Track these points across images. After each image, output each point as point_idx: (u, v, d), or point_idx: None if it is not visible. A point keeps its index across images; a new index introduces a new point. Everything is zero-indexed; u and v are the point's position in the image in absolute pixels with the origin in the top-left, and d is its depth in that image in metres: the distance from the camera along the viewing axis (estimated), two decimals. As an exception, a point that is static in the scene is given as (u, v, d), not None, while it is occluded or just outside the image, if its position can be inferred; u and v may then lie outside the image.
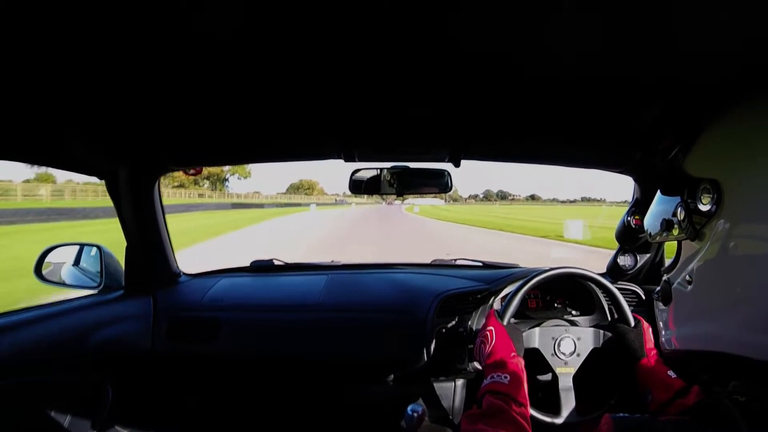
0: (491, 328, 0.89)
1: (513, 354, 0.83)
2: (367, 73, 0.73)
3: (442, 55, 0.65)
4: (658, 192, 0.65)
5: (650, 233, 0.66)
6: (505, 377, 0.75)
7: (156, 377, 1.24)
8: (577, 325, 1.07)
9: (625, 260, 1.28)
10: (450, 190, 1.21)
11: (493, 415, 0.67)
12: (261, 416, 1.28)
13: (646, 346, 0.94)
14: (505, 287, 1.20)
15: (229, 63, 0.68)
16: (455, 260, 1.53)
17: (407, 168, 1.21)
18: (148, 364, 1.21)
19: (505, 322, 0.92)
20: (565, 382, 0.99)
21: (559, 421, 0.94)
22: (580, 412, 0.95)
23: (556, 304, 1.23)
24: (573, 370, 1.00)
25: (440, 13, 0.53)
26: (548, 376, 1.01)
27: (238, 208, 34.99)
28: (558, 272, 1.07)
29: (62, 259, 1.26)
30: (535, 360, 1.00)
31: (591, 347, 1.01)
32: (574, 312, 1.21)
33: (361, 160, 1.19)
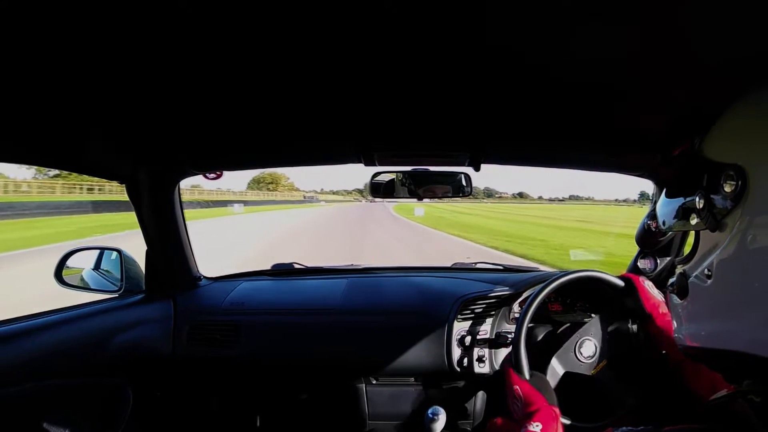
0: (516, 387, 0.90)
1: (543, 404, 0.85)
2: (388, 77, 0.73)
3: (463, 59, 0.65)
4: (674, 177, 0.60)
5: (664, 222, 0.61)
6: (537, 425, 0.78)
7: (177, 381, 1.24)
8: (597, 328, 1.07)
9: (645, 263, 1.28)
10: (470, 194, 1.22)
11: None
12: (282, 419, 1.28)
13: (646, 305, 0.96)
14: (525, 290, 1.20)
15: (250, 67, 0.68)
16: (475, 263, 1.53)
17: (427, 171, 1.21)
18: (168, 367, 1.21)
19: (527, 376, 0.93)
20: (596, 384, 0.99)
21: (572, 422, 0.94)
22: (594, 416, 0.96)
23: (576, 307, 1.23)
24: (601, 369, 1.00)
25: (463, 17, 0.52)
26: (580, 383, 1.01)
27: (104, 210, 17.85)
28: (576, 276, 1.07)
29: (82, 263, 1.27)
30: (568, 379, 1.01)
31: (612, 347, 1.02)
32: (594, 315, 1.21)
33: (380, 163, 1.19)
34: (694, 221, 0.51)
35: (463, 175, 1.21)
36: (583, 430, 0.94)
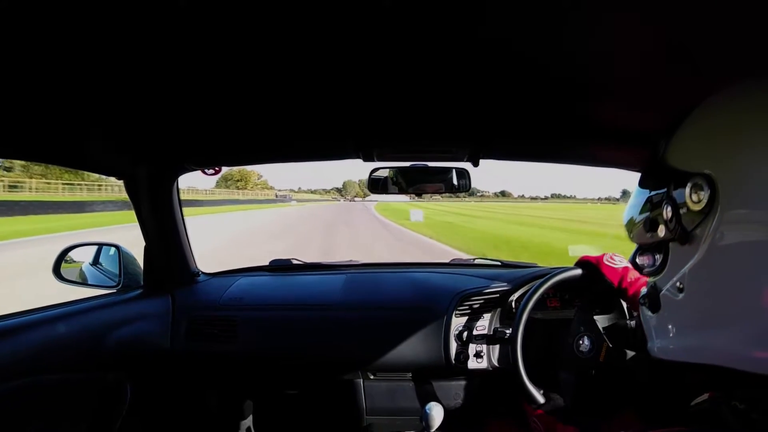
0: (533, 418, 0.93)
1: (559, 427, 0.86)
2: (387, 72, 0.73)
3: (463, 53, 0.65)
4: (638, 184, 0.58)
5: (631, 233, 0.58)
6: None
7: (175, 376, 1.24)
8: (595, 324, 1.08)
9: (643, 260, 1.27)
10: (468, 189, 1.22)
11: None
12: (280, 414, 1.28)
13: (612, 280, 0.99)
14: (523, 286, 1.20)
15: (248, 64, 0.68)
16: (473, 259, 1.54)
17: (426, 167, 1.21)
18: (167, 363, 1.21)
19: (540, 400, 0.95)
20: (585, 381, 0.99)
21: (589, 417, 0.94)
22: (585, 412, 0.96)
23: (575, 304, 1.23)
24: (586, 369, 1.01)
25: (462, 11, 0.52)
26: (570, 376, 1.02)
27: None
28: (574, 273, 1.08)
29: (81, 258, 1.27)
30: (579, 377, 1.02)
31: (609, 343, 1.02)
32: (592, 311, 1.21)
33: (379, 159, 1.19)
34: (662, 233, 0.48)
35: (462, 171, 1.21)
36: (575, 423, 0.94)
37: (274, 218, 19.94)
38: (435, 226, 16.05)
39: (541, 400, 0.94)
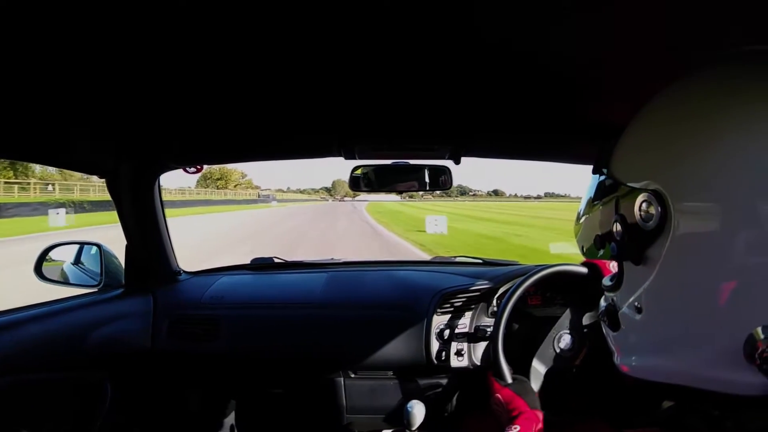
0: (497, 394, 0.91)
1: (524, 408, 0.85)
2: (368, 70, 0.73)
3: (443, 51, 0.65)
4: (587, 199, 0.54)
5: (583, 248, 0.54)
6: (515, 428, 0.77)
7: (156, 376, 1.24)
8: (574, 320, 1.07)
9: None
10: (450, 187, 1.21)
11: None
12: (262, 413, 1.28)
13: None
14: (504, 284, 1.20)
15: (229, 61, 0.68)
16: (455, 257, 1.54)
17: (407, 165, 1.21)
18: (148, 362, 1.21)
19: (509, 380, 0.93)
20: (566, 379, 0.99)
21: (556, 417, 0.94)
22: (566, 409, 0.96)
23: (556, 301, 1.23)
24: (567, 366, 1.01)
25: (444, 8, 0.52)
26: (542, 367, 1.02)
27: None
28: (555, 270, 1.08)
29: (62, 257, 1.26)
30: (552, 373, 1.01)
31: (591, 338, 1.02)
32: (574, 308, 1.21)
33: (361, 157, 1.19)
34: (614, 251, 0.45)
35: (443, 168, 1.21)
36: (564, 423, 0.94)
37: (234, 224, 15.73)
38: (468, 245, 10.66)
39: (509, 378, 0.94)
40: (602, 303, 0.53)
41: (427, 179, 1.22)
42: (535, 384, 0.98)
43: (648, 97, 0.78)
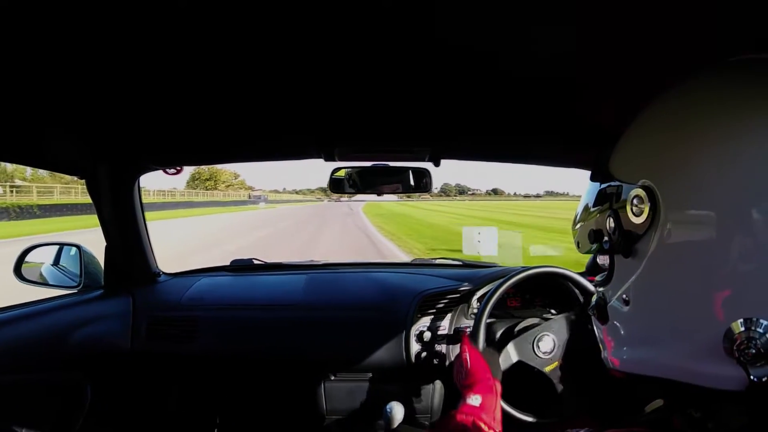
0: (466, 353, 0.90)
1: (488, 377, 0.84)
2: (347, 72, 0.73)
3: (422, 54, 0.65)
4: (584, 205, 0.57)
5: (578, 244, 0.57)
6: (477, 399, 0.75)
7: (136, 376, 1.24)
8: (559, 325, 1.08)
9: (603, 259, 1.28)
10: (430, 189, 1.22)
11: None
12: (241, 415, 1.28)
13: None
14: (484, 285, 1.21)
15: (208, 62, 0.68)
16: (435, 259, 1.54)
17: (387, 167, 1.21)
18: (127, 363, 1.21)
19: (480, 347, 0.93)
20: (549, 381, 0.99)
21: (523, 417, 0.94)
22: (544, 412, 0.96)
23: (535, 303, 1.24)
24: (554, 368, 1.01)
25: (421, 12, 0.52)
26: (533, 377, 1.02)
27: None
28: (536, 271, 1.08)
29: (42, 258, 1.26)
30: (520, 370, 1.00)
31: (571, 343, 1.02)
32: (553, 311, 1.21)
33: (341, 159, 1.19)
34: (606, 245, 0.47)
35: (423, 170, 1.21)
36: (528, 427, 0.95)
37: (183, 235, 12.05)
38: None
39: (482, 344, 0.95)
40: (593, 298, 0.56)
41: (408, 181, 1.22)
42: (503, 364, 0.98)
43: (624, 100, 0.79)
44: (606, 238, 0.47)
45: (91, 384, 1.14)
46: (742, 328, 0.36)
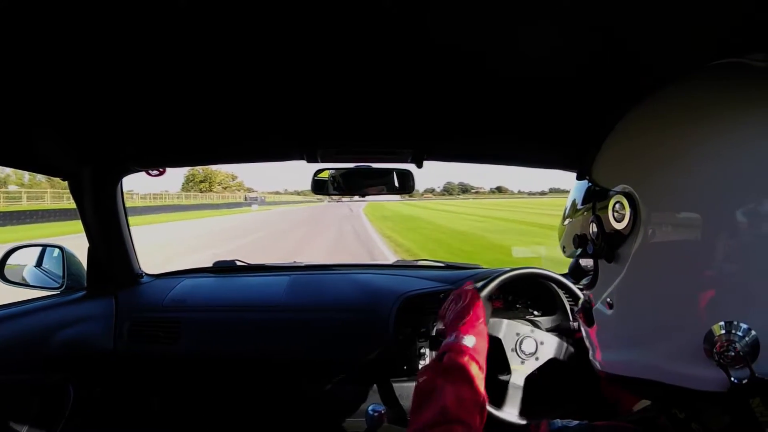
0: (468, 289, 0.84)
1: (481, 321, 0.78)
2: (330, 73, 0.73)
3: (404, 56, 0.65)
4: (571, 203, 0.57)
5: (564, 248, 0.58)
6: (471, 339, 0.72)
7: (118, 378, 1.24)
8: (539, 326, 1.08)
9: (586, 261, 1.28)
10: (412, 191, 1.22)
11: (452, 372, 0.65)
12: (224, 417, 1.28)
13: None
14: None
15: (192, 62, 0.68)
16: (417, 261, 1.54)
17: (370, 168, 1.21)
18: (110, 364, 1.21)
19: (481, 294, 0.89)
20: (517, 380, 0.99)
21: (501, 415, 0.94)
22: (523, 413, 0.96)
23: (518, 305, 1.23)
24: (528, 371, 1.00)
25: (408, 13, 0.52)
26: (502, 370, 1.02)
27: None
28: (520, 272, 1.08)
29: (24, 260, 1.26)
30: (494, 350, 0.98)
31: (552, 354, 1.01)
32: (536, 312, 1.21)
33: (323, 160, 1.18)
34: (590, 250, 0.49)
35: (406, 172, 1.21)
36: (508, 427, 0.95)
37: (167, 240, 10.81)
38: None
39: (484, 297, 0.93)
40: (579, 302, 0.58)
41: (391, 182, 1.22)
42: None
43: (608, 102, 0.79)
44: (590, 244, 0.48)
45: (74, 385, 1.14)
46: (723, 331, 0.36)
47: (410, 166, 1.21)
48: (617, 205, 0.44)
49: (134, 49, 0.62)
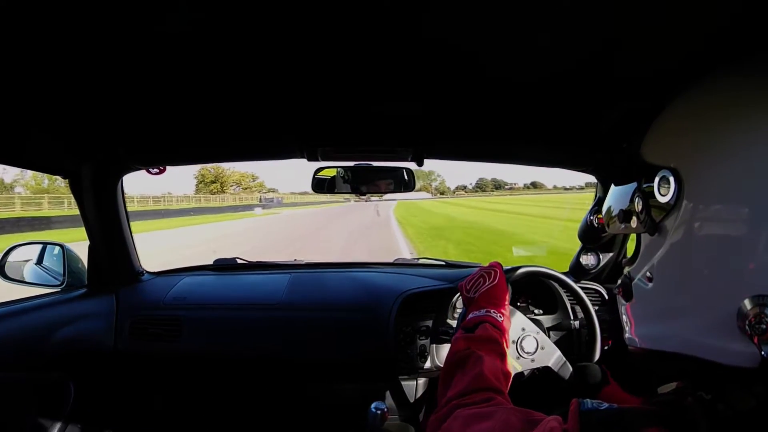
0: (497, 270, 0.84)
1: (507, 302, 0.80)
2: (331, 72, 0.73)
3: (406, 55, 0.65)
4: (615, 176, 0.60)
5: (608, 224, 0.61)
6: (500, 316, 0.74)
7: (119, 375, 1.24)
8: (540, 325, 1.08)
9: (587, 259, 1.28)
10: (412, 189, 1.21)
11: (486, 342, 0.67)
12: (224, 414, 1.29)
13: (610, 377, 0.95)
14: None
15: (190, 61, 0.68)
16: (418, 259, 1.54)
17: (370, 166, 1.21)
18: (110, 362, 1.21)
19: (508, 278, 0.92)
20: (515, 377, 1.00)
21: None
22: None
23: (519, 303, 1.24)
24: (520, 369, 1.01)
25: (406, 12, 0.52)
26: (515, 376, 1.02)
27: None
28: (522, 271, 1.08)
29: (25, 257, 1.26)
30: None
31: (549, 363, 1.01)
32: (537, 311, 1.22)
33: (324, 159, 1.18)
34: (634, 224, 0.51)
35: (407, 170, 1.21)
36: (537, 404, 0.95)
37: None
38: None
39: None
40: (620, 279, 0.58)
41: (393, 180, 1.22)
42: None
43: (607, 101, 0.79)
44: (634, 218, 0.51)
45: (75, 382, 1.14)
46: (754, 305, 0.37)
47: (410, 164, 1.21)
48: (663, 180, 0.45)
49: (134, 49, 0.62)
